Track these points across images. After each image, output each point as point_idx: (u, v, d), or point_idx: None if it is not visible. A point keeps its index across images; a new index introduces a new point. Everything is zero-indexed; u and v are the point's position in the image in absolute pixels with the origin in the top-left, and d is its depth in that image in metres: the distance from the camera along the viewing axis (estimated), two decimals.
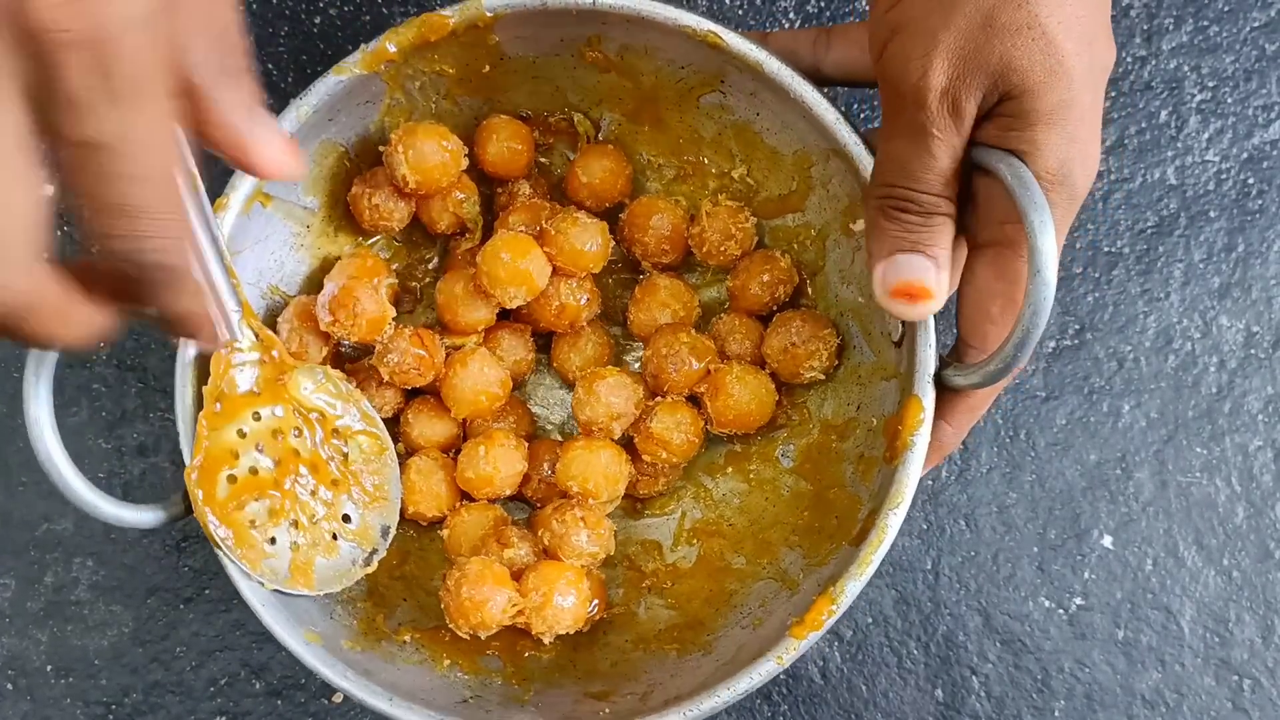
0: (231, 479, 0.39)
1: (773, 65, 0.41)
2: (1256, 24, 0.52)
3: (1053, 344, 0.50)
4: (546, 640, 0.43)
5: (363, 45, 0.41)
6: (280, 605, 0.40)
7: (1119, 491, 0.50)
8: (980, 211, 0.37)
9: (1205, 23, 0.52)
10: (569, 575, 0.43)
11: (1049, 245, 0.34)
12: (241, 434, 0.39)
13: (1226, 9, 0.52)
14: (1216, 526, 0.50)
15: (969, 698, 0.49)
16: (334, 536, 0.41)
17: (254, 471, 0.39)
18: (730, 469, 0.47)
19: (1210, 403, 0.50)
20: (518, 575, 0.43)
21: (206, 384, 0.39)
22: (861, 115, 0.51)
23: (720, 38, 0.41)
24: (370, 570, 0.41)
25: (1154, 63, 0.52)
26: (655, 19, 0.41)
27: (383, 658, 0.42)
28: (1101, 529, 0.49)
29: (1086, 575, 0.49)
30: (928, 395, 0.39)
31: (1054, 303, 0.50)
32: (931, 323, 0.39)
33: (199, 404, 0.40)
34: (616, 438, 0.45)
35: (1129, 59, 0.52)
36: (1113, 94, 0.51)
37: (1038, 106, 0.34)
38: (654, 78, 0.45)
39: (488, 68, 0.44)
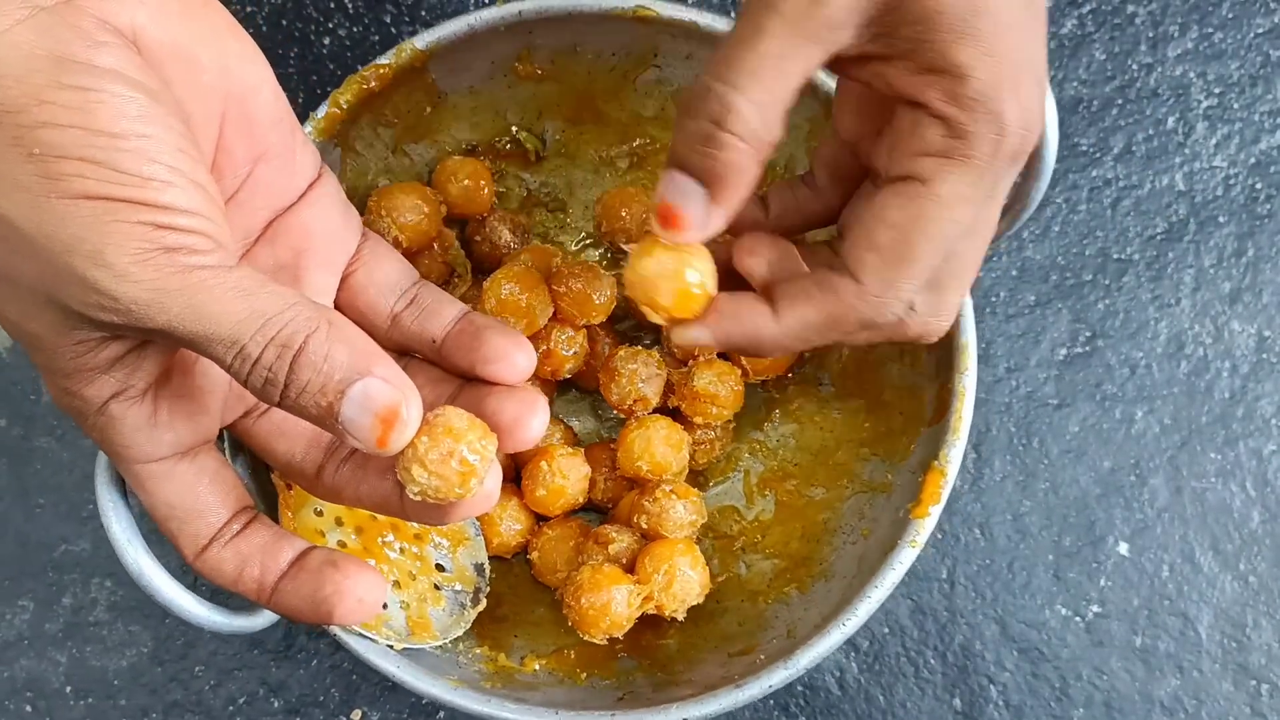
0: None
1: (706, 19, 0.42)
2: (1261, 30, 0.52)
3: (1064, 351, 0.50)
4: (680, 616, 0.42)
5: (311, 114, 0.42)
6: (415, 663, 0.39)
7: (1134, 498, 0.50)
8: (896, 143, 0.33)
9: (1210, 29, 0.52)
10: (680, 547, 0.43)
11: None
12: (318, 512, 0.39)
13: (1231, 15, 0.52)
14: (1232, 531, 0.49)
15: (987, 707, 0.49)
16: (435, 587, 0.41)
17: (342, 545, 0.39)
18: (776, 414, 0.48)
19: (1223, 408, 0.50)
20: (628, 568, 0.43)
21: (274, 473, 0.39)
22: None
23: (650, 9, 0.41)
24: (481, 607, 0.42)
25: (1160, 69, 0.52)
26: (582, 10, 0.42)
27: (523, 689, 0.42)
28: (1117, 536, 0.49)
29: (1103, 582, 0.49)
30: None
31: (1065, 310, 0.50)
32: None
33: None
34: (655, 404, 0.45)
35: (1135, 66, 0.52)
36: (1120, 101, 0.52)
37: (942, 9, 0.30)
38: (587, 75, 0.45)
39: (429, 109, 0.45)
